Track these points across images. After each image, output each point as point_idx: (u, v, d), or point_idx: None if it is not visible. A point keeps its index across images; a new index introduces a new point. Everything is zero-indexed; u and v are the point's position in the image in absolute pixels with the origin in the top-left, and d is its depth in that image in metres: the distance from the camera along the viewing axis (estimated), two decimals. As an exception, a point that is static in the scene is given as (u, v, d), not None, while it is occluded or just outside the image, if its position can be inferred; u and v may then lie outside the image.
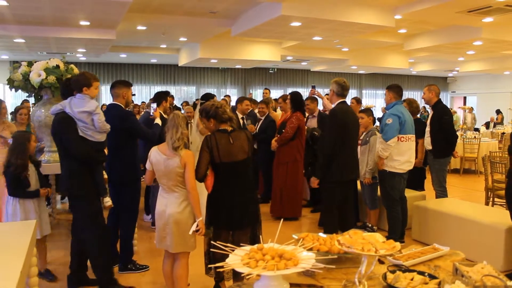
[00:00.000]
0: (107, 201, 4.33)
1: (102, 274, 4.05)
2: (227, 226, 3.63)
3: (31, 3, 7.55)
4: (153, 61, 17.52)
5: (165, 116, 5.46)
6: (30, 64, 4.89)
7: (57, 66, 4.91)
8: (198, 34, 11.82)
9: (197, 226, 3.51)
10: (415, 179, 6.43)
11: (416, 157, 6.22)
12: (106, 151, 4.31)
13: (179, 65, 16.29)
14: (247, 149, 3.65)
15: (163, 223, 3.58)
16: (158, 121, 4.87)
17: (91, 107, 3.88)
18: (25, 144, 4.15)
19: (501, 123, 17.51)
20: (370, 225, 5.98)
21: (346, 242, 1.92)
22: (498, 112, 18.02)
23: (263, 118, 7.40)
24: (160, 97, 5.71)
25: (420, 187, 6.83)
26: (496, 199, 6.66)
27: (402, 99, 5.63)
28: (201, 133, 4.86)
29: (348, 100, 5.21)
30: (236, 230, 3.63)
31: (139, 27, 10.46)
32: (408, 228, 5.79)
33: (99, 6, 7.68)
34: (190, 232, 3.51)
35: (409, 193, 5.86)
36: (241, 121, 7.02)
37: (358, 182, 6.01)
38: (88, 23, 9.17)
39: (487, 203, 6.92)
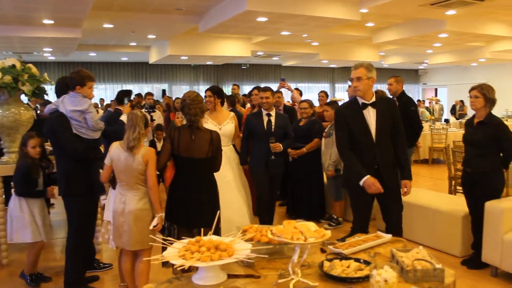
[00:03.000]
0: (104, 198, 4.30)
1: (72, 274, 4.03)
2: (177, 220, 3.64)
3: (-9, 2, 7.42)
4: (124, 59, 17.37)
5: (138, 112, 5.43)
6: (-14, 64, 4.79)
7: (13, 66, 4.82)
8: (167, 31, 11.76)
9: (157, 222, 3.54)
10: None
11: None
12: (102, 148, 4.32)
13: (149, 62, 16.19)
14: (206, 150, 3.62)
15: (122, 220, 3.58)
16: (123, 117, 4.86)
17: (83, 106, 3.85)
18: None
19: (466, 113, 17.90)
20: (335, 217, 6.06)
21: (278, 232, 1.95)
22: (462, 103, 18.43)
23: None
24: (122, 96, 5.70)
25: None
26: (458, 188, 6.81)
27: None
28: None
29: (316, 94, 5.40)
30: (184, 227, 3.62)
31: (106, 25, 10.35)
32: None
33: (61, 5, 7.57)
34: (151, 227, 3.53)
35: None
36: None
37: (324, 175, 6.10)
38: (52, 22, 9.03)
39: (450, 192, 7.06)
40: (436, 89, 24.63)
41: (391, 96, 6.51)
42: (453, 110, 18.61)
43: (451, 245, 4.99)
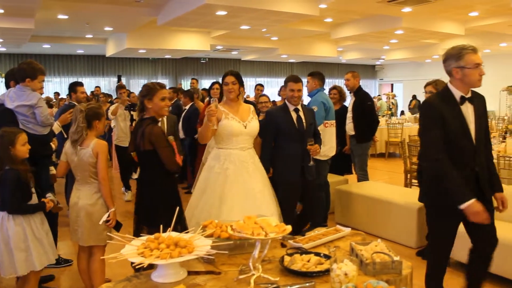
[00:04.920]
0: (49, 195, 3.96)
1: None
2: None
3: None
4: (80, 51, 16.89)
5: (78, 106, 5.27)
6: None
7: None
8: (124, 24, 11.49)
9: (108, 216, 3.46)
10: (341, 163, 6.59)
11: (346, 144, 6.42)
12: (54, 144, 4.13)
13: (106, 55, 15.83)
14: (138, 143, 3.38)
15: (75, 215, 3.52)
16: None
17: (32, 101, 3.69)
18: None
19: (418, 108, 18.42)
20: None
21: (238, 228, 1.94)
22: (414, 97, 19.00)
23: (187, 107, 7.36)
24: (70, 88, 5.57)
25: (347, 171, 6.99)
26: (413, 181, 6.99)
27: (329, 86, 5.76)
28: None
29: (275, 89, 5.28)
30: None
31: (60, 16, 10.01)
32: (331, 212, 5.97)
33: (11, -7, 7.29)
34: (100, 222, 3.45)
35: (331, 178, 6.03)
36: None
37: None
38: (2, 11, 8.65)
39: (406, 185, 7.25)
40: (392, 85, 25.22)
41: (348, 91, 6.62)
42: (410, 106, 19.10)
43: (407, 237, 5.13)
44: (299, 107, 4.44)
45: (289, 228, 1.99)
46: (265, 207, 3.65)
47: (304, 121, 4.39)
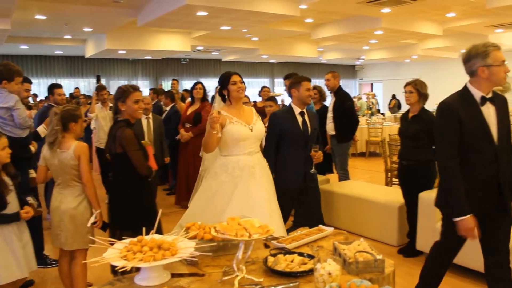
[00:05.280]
0: (29, 199, 3.87)
1: None
2: None
3: None
4: (58, 52, 16.65)
5: (54, 108, 5.20)
6: None
7: None
8: (103, 25, 11.38)
9: (95, 218, 3.43)
10: (322, 163, 6.61)
11: (327, 144, 6.46)
12: (34, 147, 4.05)
13: (85, 56, 15.64)
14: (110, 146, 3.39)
15: (58, 219, 3.47)
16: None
17: (9, 103, 3.62)
18: None
19: (397, 107, 18.66)
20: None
21: (221, 229, 1.94)
22: (393, 97, 19.24)
23: (168, 109, 7.33)
24: (48, 90, 5.51)
25: (329, 170, 7.03)
26: (394, 179, 7.07)
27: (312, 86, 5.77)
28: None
29: (256, 89, 5.17)
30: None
31: (38, 16, 9.84)
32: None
33: (-14, -7, 7.15)
34: (88, 225, 3.43)
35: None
36: None
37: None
38: (-24, 12, 8.50)
39: (387, 184, 7.32)
40: (372, 84, 25.47)
41: (328, 91, 6.67)
42: (389, 105, 19.34)
43: (388, 235, 5.18)
44: (304, 110, 4.24)
45: (272, 229, 2.00)
46: (271, 218, 3.35)
47: (309, 125, 4.21)
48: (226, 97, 3.57)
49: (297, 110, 4.19)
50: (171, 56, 17.57)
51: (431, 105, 5.68)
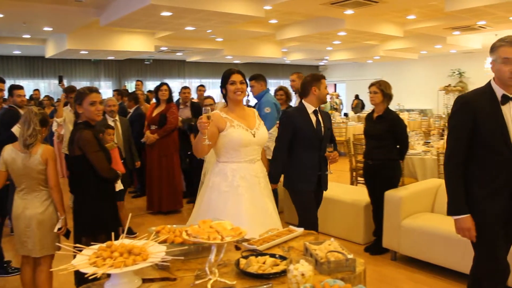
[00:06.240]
0: None
1: None
2: None
3: None
4: (17, 52, 16.12)
5: (20, 110, 5.02)
6: None
7: None
8: (64, 24, 11.07)
9: (60, 224, 3.36)
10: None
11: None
12: None
13: (46, 56, 15.20)
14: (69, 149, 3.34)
15: (24, 226, 3.35)
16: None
17: None
18: None
19: (360, 107, 19.01)
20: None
21: (193, 232, 1.92)
22: (356, 97, 19.59)
23: (132, 111, 7.22)
24: (8, 91, 5.35)
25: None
26: (359, 178, 7.18)
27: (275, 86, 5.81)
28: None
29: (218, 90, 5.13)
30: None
31: (-5, 15, 9.53)
32: (281, 211, 6.01)
33: None
34: (55, 230, 3.34)
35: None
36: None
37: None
38: None
39: (352, 183, 7.43)
40: (335, 85, 25.81)
41: (293, 92, 6.71)
42: (352, 105, 19.69)
43: (354, 234, 5.26)
44: (317, 109, 4.00)
45: (244, 231, 1.99)
46: (282, 225, 3.17)
47: (322, 125, 3.97)
48: (225, 97, 3.27)
49: (310, 108, 3.93)
50: (134, 56, 17.31)
51: (393, 105, 5.81)
